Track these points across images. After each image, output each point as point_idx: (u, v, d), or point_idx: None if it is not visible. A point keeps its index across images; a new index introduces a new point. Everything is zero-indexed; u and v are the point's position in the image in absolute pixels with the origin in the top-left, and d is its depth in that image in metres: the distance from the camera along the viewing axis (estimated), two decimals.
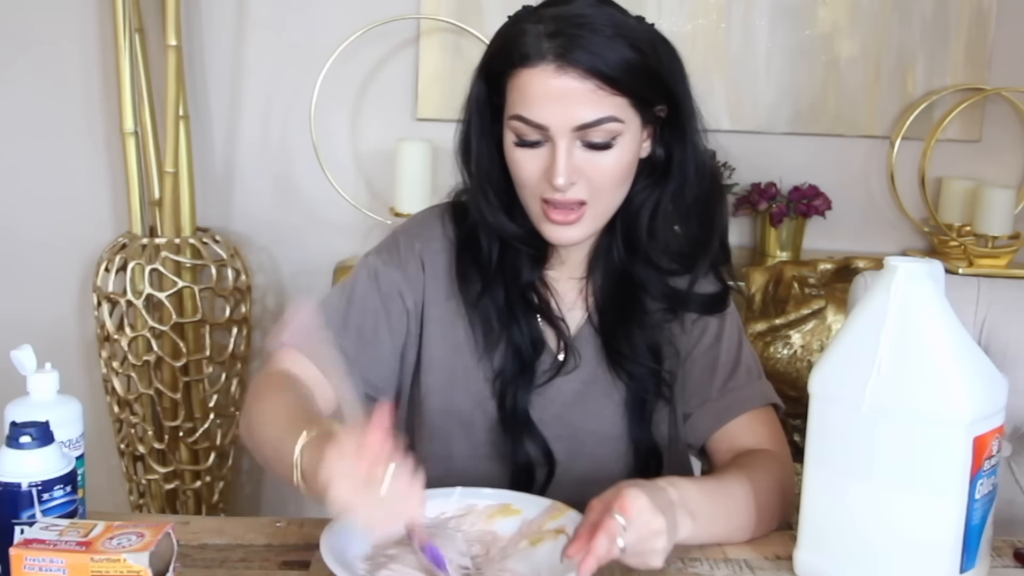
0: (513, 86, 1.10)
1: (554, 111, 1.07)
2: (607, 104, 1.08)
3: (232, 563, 0.98)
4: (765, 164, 2.46)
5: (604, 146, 1.09)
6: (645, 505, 0.91)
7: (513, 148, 1.12)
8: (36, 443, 0.90)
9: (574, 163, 1.09)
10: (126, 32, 2.23)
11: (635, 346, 1.20)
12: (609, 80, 1.07)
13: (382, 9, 2.37)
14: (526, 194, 1.14)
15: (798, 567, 0.99)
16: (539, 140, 1.10)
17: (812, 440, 0.97)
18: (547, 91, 1.07)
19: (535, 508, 1.04)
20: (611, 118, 1.08)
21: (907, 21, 2.46)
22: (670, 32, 2.32)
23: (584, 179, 1.10)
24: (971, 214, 2.39)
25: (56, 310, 2.49)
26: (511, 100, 1.11)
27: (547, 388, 1.21)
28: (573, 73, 1.06)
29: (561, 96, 1.07)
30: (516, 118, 1.10)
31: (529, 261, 1.21)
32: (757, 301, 2.18)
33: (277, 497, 2.59)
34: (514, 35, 1.10)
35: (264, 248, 2.51)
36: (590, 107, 1.07)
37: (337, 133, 2.45)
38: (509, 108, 1.11)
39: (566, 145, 1.08)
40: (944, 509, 0.89)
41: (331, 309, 1.20)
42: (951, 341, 0.91)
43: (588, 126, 1.08)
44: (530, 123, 1.09)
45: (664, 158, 1.17)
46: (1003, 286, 1.41)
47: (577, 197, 1.11)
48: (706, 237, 1.20)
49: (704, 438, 1.22)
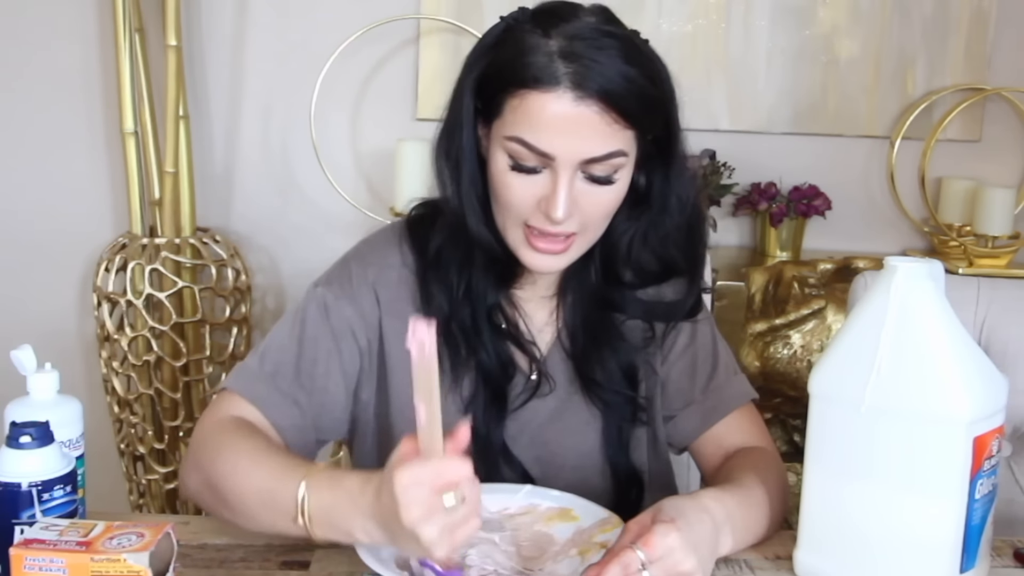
0: (517, 106, 1.01)
1: (565, 142, 0.99)
2: (618, 138, 1.01)
3: (232, 563, 0.98)
4: (765, 164, 2.46)
5: (606, 180, 1.03)
6: (675, 544, 0.87)
7: (505, 171, 1.03)
8: (36, 443, 0.90)
9: (575, 198, 1.02)
10: (126, 32, 2.23)
11: (609, 372, 1.16)
12: (626, 112, 1.00)
13: (382, 9, 2.37)
14: (509, 218, 1.06)
15: (798, 567, 0.99)
16: (537, 167, 1.02)
17: (812, 440, 0.97)
18: (560, 119, 0.99)
19: (592, 518, 1.02)
20: (619, 152, 1.02)
21: (907, 21, 2.46)
22: (670, 32, 2.33)
23: (578, 212, 1.04)
24: (971, 214, 2.39)
25: (56, 310, 2.49)
26: (510, 120, 1.01)
27: (522, 411, 1.16)
28: (591, 104, 0.98)
29: (575, 127, 0.99)
30: (518, 141, 1.01)
31: (495, 281, 1.14)
32: (757, 301, 2.18)
33: None
34: (520, 50, 1.01)
35: (264, 248, 2.51)
36: (603, 140, 1.00)
37: (337, 133, 2.45)
38: (505, 127, 1.02)
39: (569, 177, 1.01)
40: (944, 509, 0.89)
41: (280, 352, 1.12)
42: (951, 341, 0.91)
43: (596, 160, 1.01)
44: (535, 150, 1.00)
45: (645, 186, 1.11)
46: (1003, 286, 1.41)
47: (568, 229, 1.04)
48: (688, 264, 1.17)
49: (691, 440, 1.21)
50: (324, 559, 0.99)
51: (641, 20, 2.43)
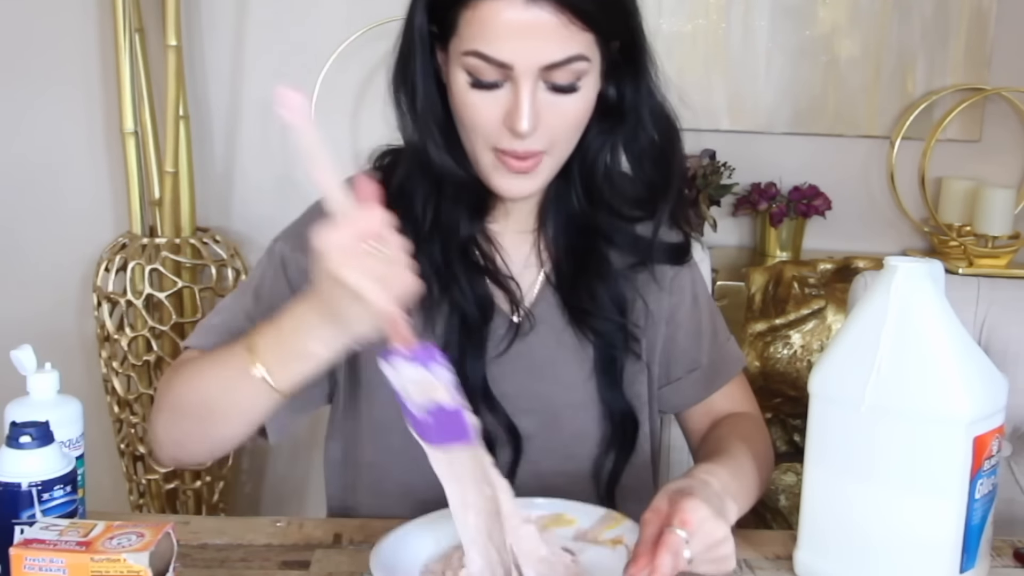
0: (471, 18, 0.98)
1: (521, 48, 0.96)
2: (577, 41, 0.98)
3: (232, 563, 0.98)
4: (765, 164, 2.46)
5: (569, 88, 1.00)
6: (707, 514, 0.87)
7: (466, 90, 1.00)
8: (36, 443, 0.90)
9: (538, 109, 0.99)
10: (126, 32, 2.23)
11: (598, 299, 1.12)
12: (581, 13, 0.97)
13: (382, 9, 2.36)
14: (477, 141, 1.03)
15: (798, 567, 0.99)
16: (498, 81, 0.99)
17: (812, 440, 0.97)
18: (515, 25, 0.96)
19: (589, 517, 1.00)
20: (580, 56, 0.99)
21: (907, 21, 2.46)
22: (670, 32, 2.33)
23: (544, 126, 1.00)
24: (971, 214, 2.39)
25: (56, 310, 2.49)
26: (466, 34, 0.98)
27: (507, 357, 1.10)
28: (544, 5, 0.96)
29: (530, 31, 0.96)
30: (474, 54, 0.98)
31: (467, 213, 1.09)
32: (757, 301, 2.18)
33: (277, 497, 2.59)
34: None
35: (264, 248, 2.50)
36: (560, 44, 0.97)
37: (337, 133, 2.45)
38: (462, 43, 0.99)
39: (531, 85, 0.98)
40: (944, 509, 0.89)
41: (235, 304, 1.12)
42: (951, 341, 0.91)
43: (556, 65, 0.98)
44: (492, 61, 0.97)
45: (616, 98, 1.07)
46: (1003, 286, 1.41)
47: (534, 145, 1.01)
48: (663, 182, 1.12)
49: (689, 405, 1.21)
50: (324, 559, 0.99)
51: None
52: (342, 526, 1.06)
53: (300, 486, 2.59)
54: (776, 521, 2.07)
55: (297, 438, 2.57)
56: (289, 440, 2.56)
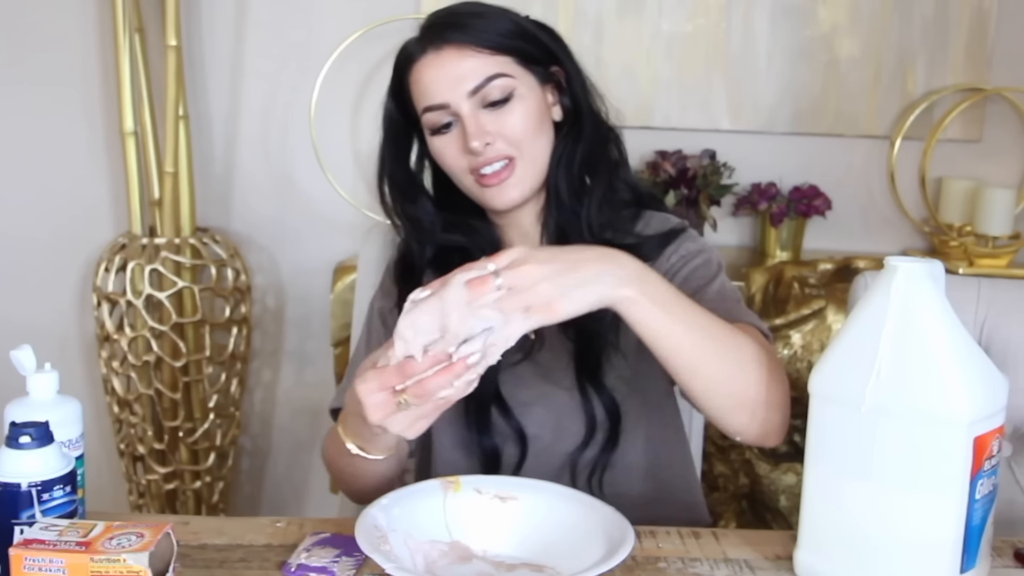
0: (412, 88, 1.20)
1: (445, 87, 1.17)
2: (490, 64, 1.17)
3: (232, 563, 0.98)
4: (765, 164, 2.46)
5: (503, 101, 1.17)
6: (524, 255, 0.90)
7: (432, 140, 1.21)
8: (36, 443, 0.90)
9: (482, 126, 1.17)
10: (126, 32, 2.23)
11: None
12: (483, 44, 1.17)
13: (382, 9, 2.37)
14: (458, 174, 1.21)
15: (798, 567, 0.99)
16: (449, 121, 1.19)
17: (812, 440, 0.97)
18: (435, 74, 1.18)
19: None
20: (498, 74, 1.17)
21: (907, 21, 2.46)
22: (670, 32, 2.33)
23: (499, 137, 1.17)
24: (971, 214, 2.39)
25: (56, 310, 2.50)
26: (416, 101, 1.21)
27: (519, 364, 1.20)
28: (448, 51, 1.17)
29: (446, 71, 1.17)
30: (424, 110, 1.19)
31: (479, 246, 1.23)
32: (757, 301, 2.18)
33: (277, 497, 2.60)
34: (400, 52, 1.23)
35: (264, 248, 2.51)
36: (473, 71, 1.17)
37: (337, 133, 2.45)
38: (417, 108, 1.21)
39: (469, 111, 1.17)
40: (944, 509, 0.89)
41: (355, 363, 1.27)
42: (951, 341, 0.91)
43: (479, 87, 1.16)
44: (433, 106, 1.18)
45: (573, 112, 1.24)
46: (1003, 286, 1.41)
47: (500, 153, 1.17)
48: (606, 179, 1.24)
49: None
50: None
51: (641, 20, 2.44)
52: (342, 526, 1.06)
53: (300, 486, 2.59)
54: (776, 521, 2.07)
55: (297, 438, 2.57)
56: (289, 440, 2.57)
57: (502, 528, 1.01)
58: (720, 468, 2.14)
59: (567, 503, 1.02)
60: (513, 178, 1.19)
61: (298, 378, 2.55)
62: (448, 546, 0.99)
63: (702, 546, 1.04)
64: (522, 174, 1.19)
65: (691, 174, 2.31)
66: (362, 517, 0.96)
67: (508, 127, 1.17)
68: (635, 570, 0.97)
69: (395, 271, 1.29)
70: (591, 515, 1.00)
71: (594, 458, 1.21)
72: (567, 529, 0.99)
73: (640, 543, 1.02)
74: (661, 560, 1.00)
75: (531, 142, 1.19)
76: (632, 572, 0.96)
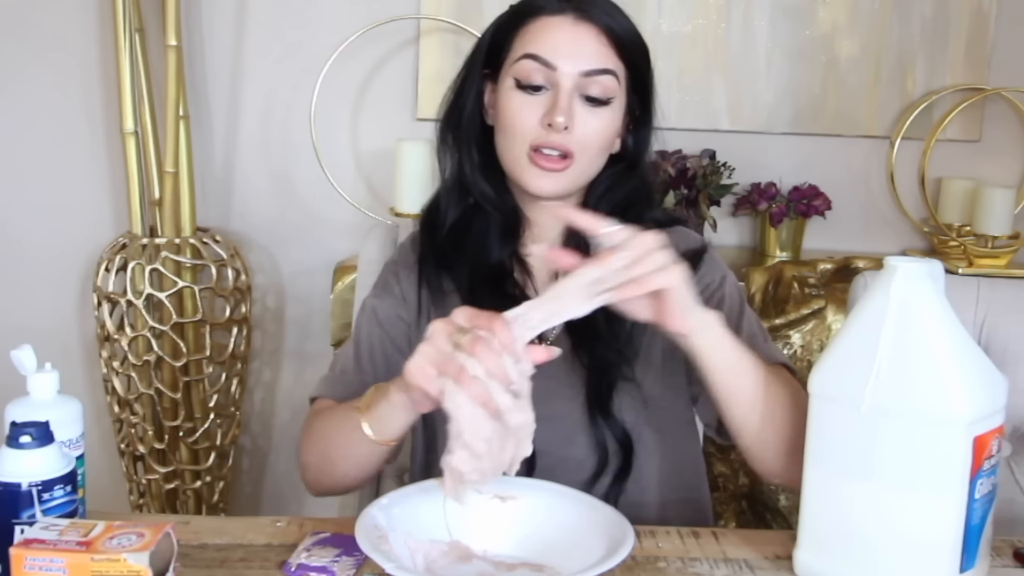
0: (525, 33, 1.17)
1: (566, 54, 1.15)
2: (612, 59, 1.17)
3: (232, 563, 0.98)
4: (765, 164, 2.46)
5: (600, 102, 1.17)
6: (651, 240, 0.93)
7: (511, 93, 1.17)
8: (36, 443, 0.90)
9: (572, 110, 1.15)
10: (126, 32, 2.23)
11: (598, 325, 1.15)
12: (617, 40, 1.17)
13: (382, 9, 2.37)
14: (515, 142, 1.17)
15: (798, 567, 0.99)
16: (542, 85, 1.16)
17: (812, 440, 0.97)
18: (563, 35, 1.16)
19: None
20: (612, 71, 1.17)
21: (907, 21, 2.46)
22: (670, 32, 2.33)
23: (576, 130, 1.16)
24: (971, 214, 2.39)
25: (56, 310, 2.50)
26: (518, 47, 1.17)
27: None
28: (589, 26, 1.16)
29: (575, 42, 1.15)
30: (526, 57, 1.16)
31: (499, 236, 1.23)
32: (757, 301, 2.18)
33: (277, 497, 2.60)
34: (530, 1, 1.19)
35: (264, 248, 2.51)
36: (597, 57, 1.16)
37: (337, 133, 2.45)
38: (517, 52, 1.17)
39: (570, 86, 1.15)
40: (944, 509, 0.89)
41: (344, 355, 1.26)
42: (951, 341, 0.91)
43: (592, 73, 1.15)
44: (540, 60, 1.15)
45: (631, 145, 1.25)
46: (1003, 286, 1.41)
47: (566, 144, 1.16)
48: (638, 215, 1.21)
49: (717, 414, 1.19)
50: None
51: (641, 20, 2.41)
52: (342, 526, 1.06)
53: (300, 486, 2.57)
54: (776, 521, 2.07)
55: (297, 438, 2.57)
56: (289, 440, 2.57)
57: (502, 528, 1.01)
58: (720, 468, 2.14)
59: (567, 503, 1.03)
60: (563, 173, 1.17)
61: (298, 378, 2.55)
62: (448, 546, 0.99)
63: (702, 546, 1.04)
64: (571, 176, 1.18)
65: (691, 174, 2.31)
66: (362, 517, 0.96)
67: (588, 127, 1.16)
68: (635, 570, 0.97)
69: (420, 238, 1.28)
70: (591, 515, 1.00)
71: (606, 487, 1.18)
72: (567, 529, 0.99)
73: (640, 543, 1.02)
74: (661, 560, 1.00)
75: (593, 155, 1.19)
76: (632, 572, 0.96)
